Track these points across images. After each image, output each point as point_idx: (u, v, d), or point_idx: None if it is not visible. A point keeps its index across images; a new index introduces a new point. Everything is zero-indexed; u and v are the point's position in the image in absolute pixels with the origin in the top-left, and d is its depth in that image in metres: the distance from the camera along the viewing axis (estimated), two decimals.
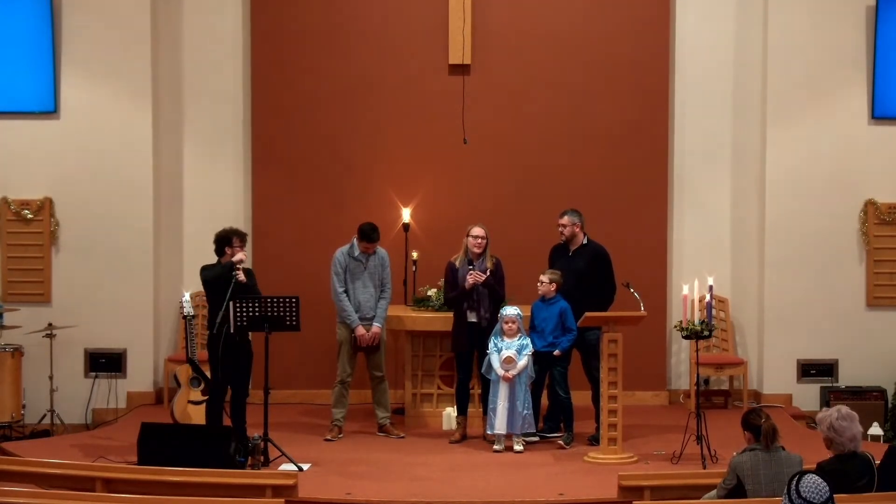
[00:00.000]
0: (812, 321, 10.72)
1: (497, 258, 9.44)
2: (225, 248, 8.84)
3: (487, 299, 9.33)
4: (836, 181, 10.73)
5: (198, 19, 10.98)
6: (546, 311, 9.27)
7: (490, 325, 9.24)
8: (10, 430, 9.84)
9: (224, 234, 8.90)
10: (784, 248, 10.72)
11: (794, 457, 6.55)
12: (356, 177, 10.95)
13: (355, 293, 9.51)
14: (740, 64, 11.04)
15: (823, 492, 5.39)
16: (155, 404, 10.62)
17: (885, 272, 10.77)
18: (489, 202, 10.82)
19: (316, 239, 10.66)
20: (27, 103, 10.55)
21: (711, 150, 11.10)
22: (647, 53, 10.93)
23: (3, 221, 10.66)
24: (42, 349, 10.13)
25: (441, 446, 9.28)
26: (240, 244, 8.85)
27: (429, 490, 7.86)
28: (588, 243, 9.47)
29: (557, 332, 9.23)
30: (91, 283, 10.60)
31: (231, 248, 8.81)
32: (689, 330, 8.66)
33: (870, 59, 10.67)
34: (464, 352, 9.42)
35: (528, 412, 9.07)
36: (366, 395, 9.99)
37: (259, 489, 7.26)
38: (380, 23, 10.96)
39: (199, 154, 11.05)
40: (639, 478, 7.38)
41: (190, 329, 9.21)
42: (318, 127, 10.96)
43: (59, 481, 7.39)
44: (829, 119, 10.73)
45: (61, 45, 10.55)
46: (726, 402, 10.90)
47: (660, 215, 11.02)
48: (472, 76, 10.88)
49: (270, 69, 10.94)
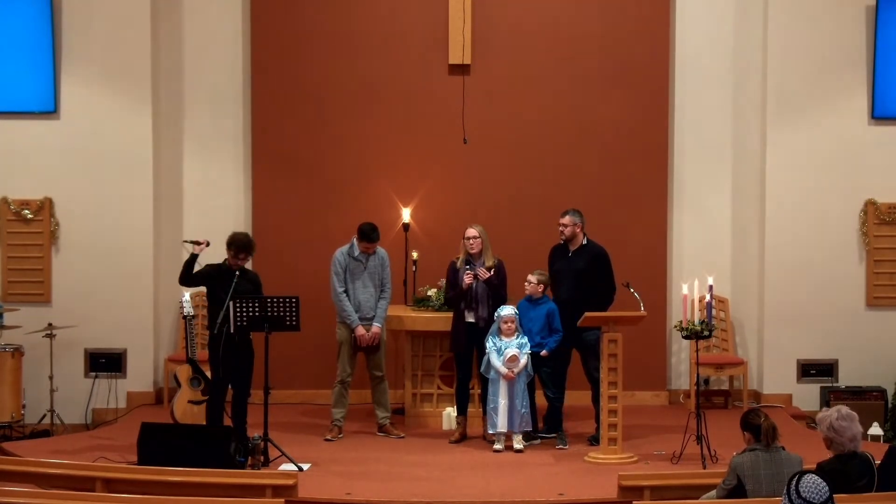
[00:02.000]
0: (812, 321, 10.72)
1: (499, 259, 9.44)
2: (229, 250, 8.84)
3: (486, 300, 9.32)
4: (836, 181, 10.73)
5: (198, 19, 10.99)
6: (533, 312, 9.26)
7: (488, 326, 9.24)
8: (10, 430, 9.83)
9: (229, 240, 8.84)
10: (784, 247, 10.72)
11: (795, 457, 6.55)
12: (356, 177, 10.95)
13: (355, 293, 9.51)
14: (740, 64, 11.04)
15: (823, 492, 5.39)
16: (155, 404, 10.62)
17: (885, 272, 10.78)
18: (489, 202, 10.83)
19: (316, 239, 10.66)
20: (27, 103, 10.56)
21: (711, 151, 11.10)
22: (647, 53, 10.93)
23: (3, 221, 10.66)
24: (42, 349, 10.13)
25: (441, 446, 9.28)
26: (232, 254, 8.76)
27: (429, 490, 7.87)
28: (588, 244, 9.47)
29: (544, 332, 9.23)
30: (91, 283, 10.60)
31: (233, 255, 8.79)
32: (689, 330, 8.66)
33: (870, 59, 10.67)
34: (461, 352, 9.43)
35: (526, 410, 9.08)
36: (366, 395, 9.99)
37: (259, 489, 7.26)
38: (380, 23, 10.96)
39: (199, 154, 11.06)
40: (639, 478, 7.38)
41: (190, 329, 9.21)
42: (318, 127, 10.96)
43: (59, 481, 7.39)
44: (829, 119, 10.73)
45: (61, 45, 10.56)
46: (726, 402, 10.90)
47: (660, 215, 11.02)
48: (472, 76, 10.88)
49: (270, 69, 10.94)
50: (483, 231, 9.39)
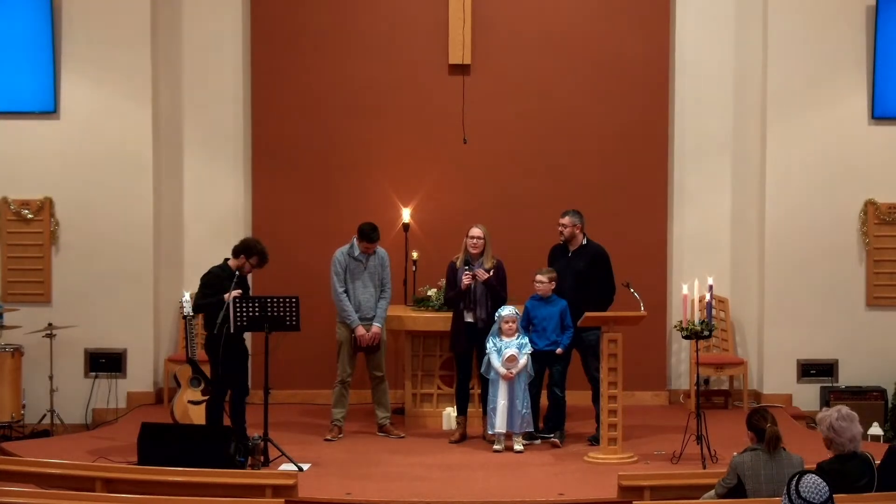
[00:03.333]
0: (812, 321, 10.72)
1: (499, 259, 9.44)
2: (241, 255, 8.87)
3: (485, 300, 9.32)
4: (836, 181, 10.72)
5: (198, 19, 10.98)
6: (546, 310, 9.25)
7: (487, 326, 9.23)
8: (10, 430, 9.83)
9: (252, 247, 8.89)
10: (784, 247, 10.72)
11: (795, 457, 6.55)
12: (356, 177, 10.95)
13: (355, 293, 9.51)
14: (740, 64, 11.03)
15: (823, 492, 5.39)
16: (155, 404, 10.61)
17: (885, 272, 10.77)
18: (489, 202, 10.82)
19: (316, 239, 10.66)
20: (27, 103, 10.55)
21: (711, 151, 11.10)
22: (647, 53, 10.93)
23: (3, 221, 10.66)
24: (42, 349, 10.13)
25: (441, 446, 9.28)
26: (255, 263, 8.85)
27: (429, 490, 7.87)
28: (587, 244, 9.47)
29: (559, 330, 9.23)
30: (91, 282, 10.59)
31: (247, 260, 8.83)
32: (689, 330, 8.66)
33: (870, 59, 10.67)
34: (461, 352, 9.43)
35: (526, 411, 9.07)
36: (366, 395, 9.99)
37: (259, 489, 7.25)
38: (380, 23, 10.96)
39: (199, 154, 11.05)
40: (639, 478, 7.38)
41: (190, 329, 9.21)
42: (318, 127, 10.96)
43: (59, 481, 7.38)
44: (829, 119, 10.73)
45: (61, 45, 10.55)
46: (726, 402, 10.90)
47: (660, 215, 11.02)
48: (472, 76, 10.88)
49: (270, 69, 10.94)
50: (486, 232, 9.39)
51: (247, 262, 8.88)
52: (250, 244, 8.98)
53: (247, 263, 8.88)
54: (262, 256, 8.90)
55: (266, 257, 8.93)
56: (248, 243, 9.01)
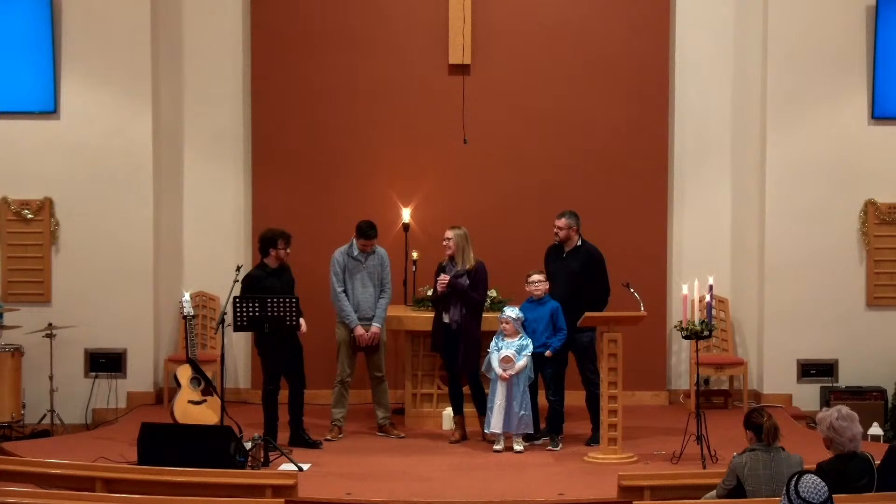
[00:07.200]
0: (812, 321, 10.72)
1: (480, 261, 9.33)
2: (269, 250, 9.08)
3: (458, 302, 9.26)
4: (836, 181, 10.72)
5: (198, 19, 10.99)
6: (536, 312, 9.24)
7: (459, 328, 9.19)
8: (10, 430, 9.83)
9: (270, 235, 9.16)
10: (784, 247, 10.72)
11: (795, 457, 6.55)
12: (356, 177, 10.95)
13: (354, 293, 9.51)
14: (740, 64, 11.04)
15: (822, 492, 5.39)
16: (155, 404, 10.62)
17: (885, 272, 10.77)
18: (489, 202, 10.83)
19: (316, 239, 10.64)
20: (27, 103, 10.55)
21: (711, 151, 11.11)
22: (647, 53, 10.93)
23: (3, 221, 10.66)
24: (42, 349, 10.13)
25: (441, 446, 9.28)
26: (284, 246, 9.10)
27: (429, 490, 7.87)
28: (582, 245, 9.44)
29: (549, 331, 9.21)
30: (91, 283, 10.59)
31: (276, 249, 9.06)
32: (689, 330, 8.66)
33: (870, 59, 10.67)
34: (440, 352, 9.43)
35: (525, 413, 9.05)
36: (366, 395, 9.99)
37: (259, 489, 7.26)
38: (380, 23, 10.96)
39: (199, 154, 11.06)
40: (639, 478, 7.38)
41: (190, 329, 9.21)
42: (318, 127, 10.96)
43: (59, 481, 7.39)
44: (829, 119, 10.73)
45: (61, 45, 10.55)
46: (726, 402, 10.90)
47: (660, 215, 11.02)
48: (472, 76, 10.88)
49: (270, 69, 10.94)
50: (461, 234, 9.26)
51: (279, 250, 9.09)
52: (268, 235, 9.20)
53: (280, 251, 9.10)
54: (282, 237, 9.13)
55: (287, 234, 9.18)
56: (265, 235, 9.23)
